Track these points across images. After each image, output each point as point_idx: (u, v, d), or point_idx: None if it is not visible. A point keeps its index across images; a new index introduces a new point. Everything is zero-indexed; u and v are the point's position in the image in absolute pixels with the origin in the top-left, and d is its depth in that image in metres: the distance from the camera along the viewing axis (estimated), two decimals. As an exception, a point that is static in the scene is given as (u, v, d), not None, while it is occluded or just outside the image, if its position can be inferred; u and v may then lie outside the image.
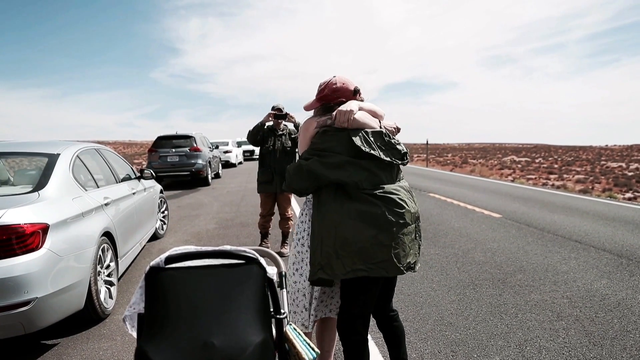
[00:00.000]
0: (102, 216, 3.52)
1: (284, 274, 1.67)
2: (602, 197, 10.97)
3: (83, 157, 3.81)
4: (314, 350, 1.50)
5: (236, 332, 1.37)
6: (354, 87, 2.06)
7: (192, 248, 1.51)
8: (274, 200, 4.98)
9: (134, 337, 2.20)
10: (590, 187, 15.43)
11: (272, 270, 1.59)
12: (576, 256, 4.83)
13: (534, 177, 20.38)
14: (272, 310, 1.54)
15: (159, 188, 6.14)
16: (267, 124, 4.75)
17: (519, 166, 28.72)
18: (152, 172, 5.25)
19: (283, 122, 4.82)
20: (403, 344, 2.15)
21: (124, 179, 4.66)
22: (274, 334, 1.52)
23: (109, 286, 3.51)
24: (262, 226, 5.11)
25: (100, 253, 3.31)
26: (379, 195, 1.86)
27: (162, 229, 6.17)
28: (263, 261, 1.53)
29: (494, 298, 3.62)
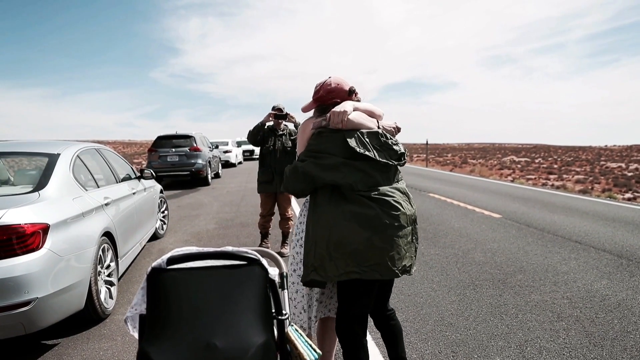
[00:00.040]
0: (102, 216, 3.52)
1: (285, 274, 1.67)
2: (602, 198, 10.98)
3: (83, 157, 3.81)
4: (315, 351, 1.50)
5: (238, 334, 1.37)
6: (349, 88, 2.04)
7: (194, 249, 1.51)
8: (274, 200, 4.98)
9: (134, 338, 2.20)
10: (589, 187, 15.44)
11: (273, 271, 1.59)
12: (576, 256, 4.83)
13: (533, 177, 20.39)
14: (273, 311, 1.54)
15: (159, 188, 6.14)
16: (267, 124, 4.76)
17: (519, 166, 28.73)
18: (152, 172, 5.24)
19: (283, 122, 4.82)
20: (401, 342, 2.15)
21: (124, 179, 4.66)
22: (275, 335, 1.52)
23: (109, 286, 3.51)
24: (262, 226, 5.11)
25: (100, 253, 3.30)
26: (373, 197, 1.84)
27: (162, 229, 6.17)
28: (265, 262, 1.53)
29: (494, 298, 3.63)
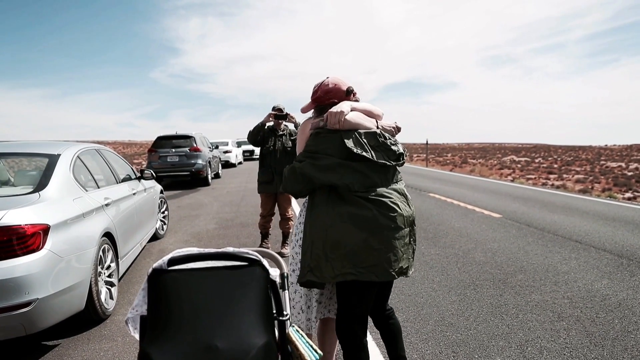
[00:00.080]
0: (102, 217, 3.52)
1: (286, 275, 1.66)
2: (602, 197, 10.97)
3: (83, 158, 3.81)
4: (316, 352, 1.50)
5: (239, 335, 1.37)
6: (346, 88, 2.03)
7: (194, 250, 1.51)
8: (274, 201, 4.98)
9: (135, 338, 2.20)
10: (589, 187, 15.44)
11: (274, 272, 1.59)
12: (576, 256, 4.83)
13: (533, 177, 20.39)
14: (274, 312, 1.54)
15: (159, 188, 6.13)
16: (267, 124, 4.76)
17: (519, 166, 28.73)
18: (152, 173, 5.24)
19: (283, 122, 4.82)
20: (400, 341, 2.15)
21: (124, 180, 4.66)
22: (276, 335, 1.52)
23: (110, 287, 3.51)
24: (262, 226, 5.11)
25: (100, 254, 3.30)
26: (370, 198, 1.84)
27: (162, 229, 6.17)
28: (266, 263, 1.53)
29: (494, 298, 3.62)
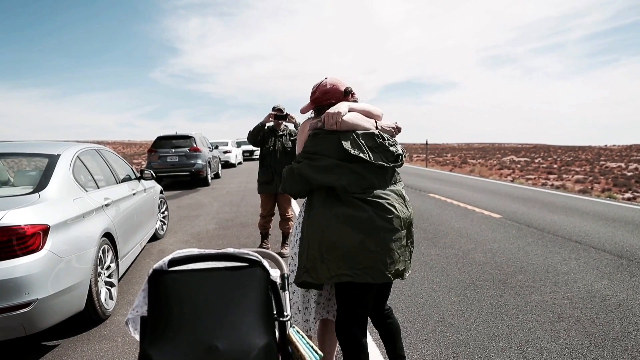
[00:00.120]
0: (102, 217, 3.51)
1: (286, 276, 1.66)
2: (602, 198, 10.98)
3: (83, 158, 3.81)
4: (317, 352, 1.49)
5: (240, 336, 1.37)
6: (344, 88, 2.03)
7: (195, 251, 1.51)
8: (274, 201, 4.98)
9: (135, 339, 2.19)
10: (589, 187, 15.45)
11: (274, 273, 1.59)
12: (576, 257, 4.83)
13: (533, 177, 20.40)
14: (275, 313, 1.54)
15: (159, 188, 6.13)
16: (267, 124, 4.76)
17: (519, 166, 28.74)
18: (152, 173, 5.24)
19: (283, 122, 4.82)
20: (399, 340, 2.15)
21: (124, 180, 4.66)
22: (277, 336, 1.51)
23: (110, 287, 3.51)
24: (262, 227, 5.11)
25: (100, 254, 3.30)
26: (367, 199, 1.83)
27: (162, 230, 6.17)
28: (266, 263, 1.53)
29: (494, 299, 3.62)
